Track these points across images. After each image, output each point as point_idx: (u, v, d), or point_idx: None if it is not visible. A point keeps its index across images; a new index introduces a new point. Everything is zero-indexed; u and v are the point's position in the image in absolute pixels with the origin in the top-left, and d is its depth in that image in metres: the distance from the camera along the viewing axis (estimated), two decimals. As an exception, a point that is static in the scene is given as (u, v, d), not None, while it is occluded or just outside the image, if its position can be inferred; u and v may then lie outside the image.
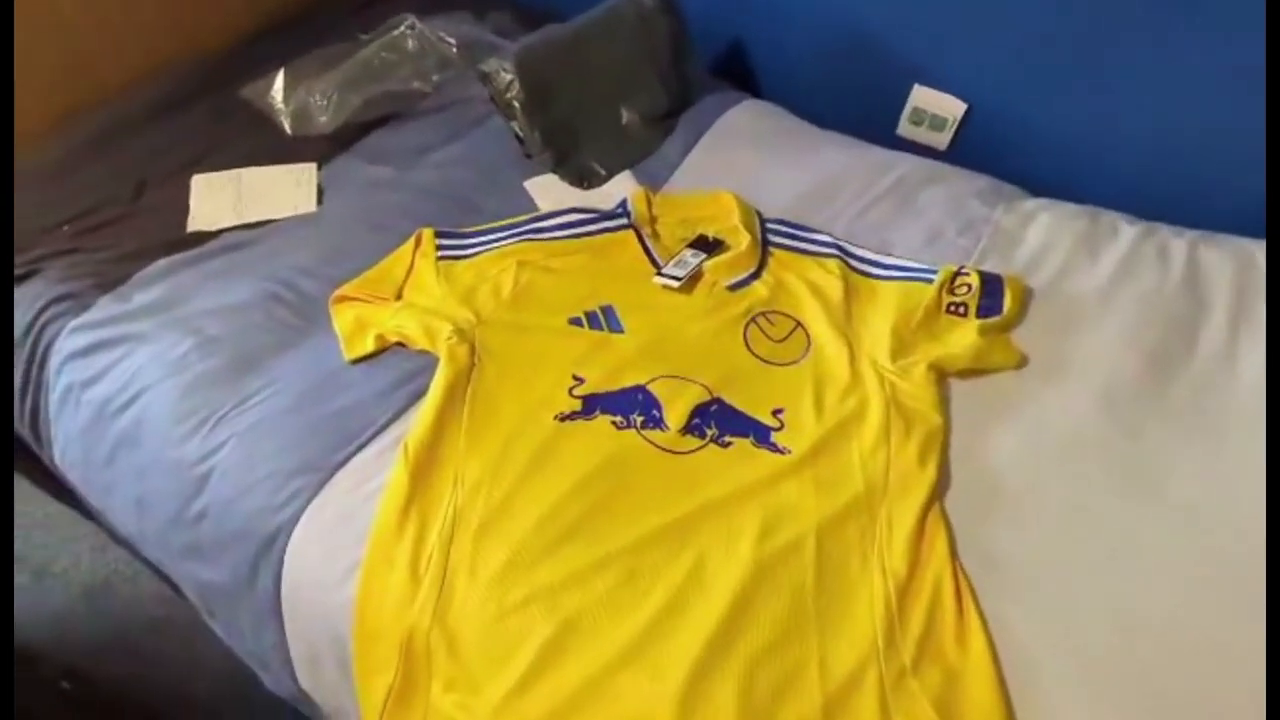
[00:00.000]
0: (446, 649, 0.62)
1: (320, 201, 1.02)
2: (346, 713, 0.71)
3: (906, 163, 1.10)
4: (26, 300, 0.92)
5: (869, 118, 1.23)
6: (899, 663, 0.60)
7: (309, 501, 0.72)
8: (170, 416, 0.80)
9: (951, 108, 1.18)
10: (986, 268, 0.95)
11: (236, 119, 1.13)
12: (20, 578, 1.16)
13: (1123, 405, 0.80)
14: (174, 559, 0.85)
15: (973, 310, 0.86)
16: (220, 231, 0.98)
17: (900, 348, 0.82)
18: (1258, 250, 0.95)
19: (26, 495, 1.17)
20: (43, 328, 0.90)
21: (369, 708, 0.62)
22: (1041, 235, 0.99)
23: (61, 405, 0.89)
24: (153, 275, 0.92)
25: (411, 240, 0.93)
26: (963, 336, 0.84)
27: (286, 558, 0.71)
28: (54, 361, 0.89)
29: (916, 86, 1.19)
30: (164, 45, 1.19)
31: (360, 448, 0.75)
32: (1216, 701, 0.58)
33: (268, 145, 1.09)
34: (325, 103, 1.05)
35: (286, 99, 1.07)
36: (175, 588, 0.91)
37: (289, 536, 0.71)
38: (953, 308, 0.87)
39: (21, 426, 0.97)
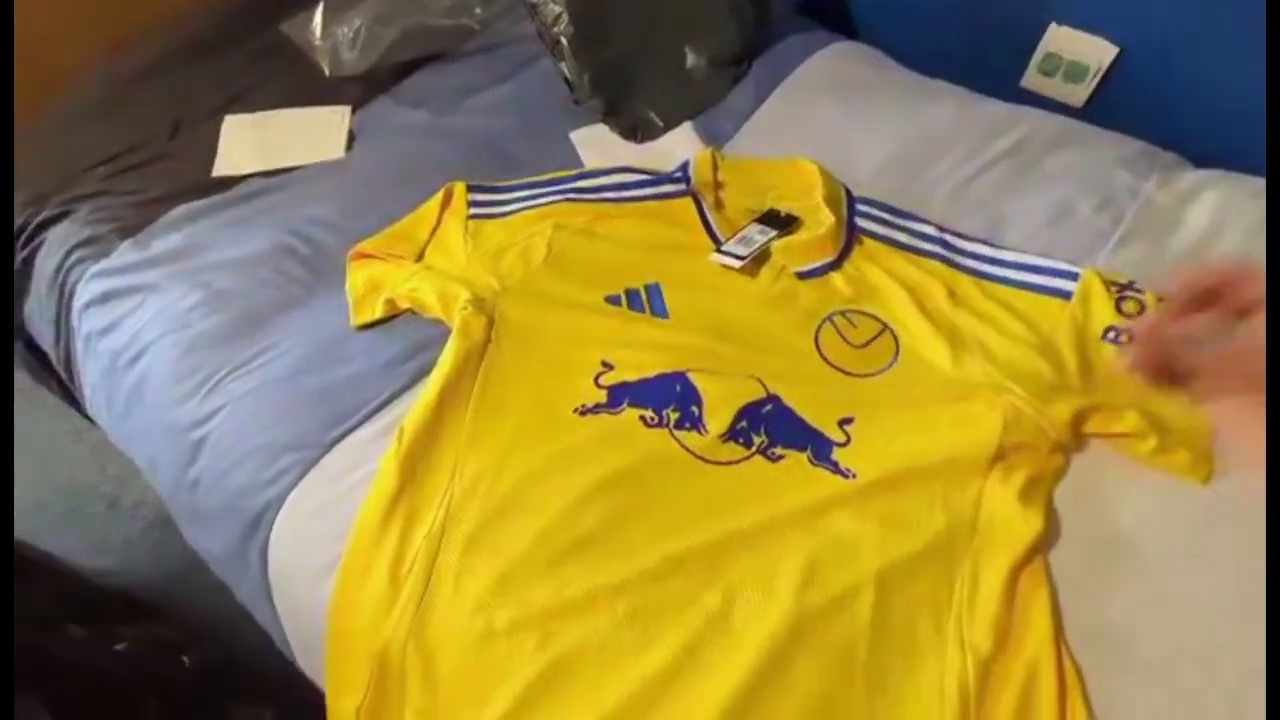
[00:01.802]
0: (422, 673, 0.54)
1: (350, 148, 0.94)
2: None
3: (1032, 120, 0.90)
4: (56, 242, 0.89)
5: (987, 65, 1.02)
6: (972, 769, 0.46)
7: (295, 484, 0.65)
8: (170, 375, 0.75)
9: (1096, 52, 0.96)
10: (1128, 254, 0.76)
11: (277, 57, 1.06)
12: (94, 508, 1.19)
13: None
14: (182, 521, 0.81)
15: None
16: (245, 177, 0.91)
17: (1029, 379, 0.63)
18: None
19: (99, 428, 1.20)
20: (68, 272, 0.87)
21: (339, 723, 0.55)
22: (1206, 216, 0.78)
23: (85, 353, 0.86)
24: (172, 222, 0.87)
25: (440, 194, 0.83)
26: (1130, 385, 0.63)
27: (271, 542, 0.65)
28: (77, 306, 0.86)
29: (1053, 26, 0.97)
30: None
31: (355, 426, 0.67)
32: None
33: (306, 86, 1.01)
34: (353, 37, 0.96)
35: (324, 35, 0.99)
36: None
37: (275, 518, 0.65)
38: (1113, 334, 0.67)
39: (61, 370, 0.96)
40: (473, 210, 0.83)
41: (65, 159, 0.96)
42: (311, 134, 0.94)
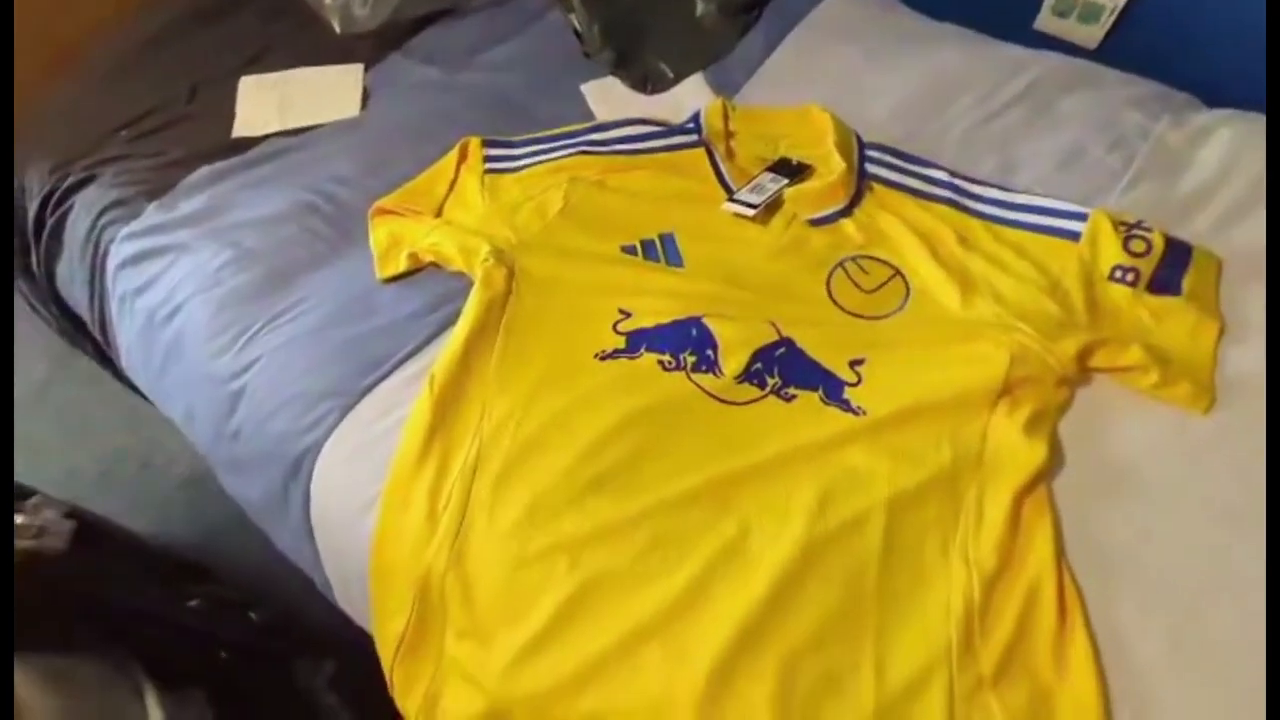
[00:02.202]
0: (462, 595, 0.58)
1: (365, 106, 0.95)
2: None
3: (1045, 62, 0.89)
4: (85, 206, 0.92)
5: (999, 6, 1.01)
6: (975, 672, 0.50)
7: (333, 428, 0.68)
8: (206, 330, 0.78)
9: (1113, -8, 0.95)
10: (1139, 194, 0.77)
11: (287, 17, 1.07)
12: (128, 468, 1.23)
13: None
14: (221, 469, 0.85)
15: (1144, 280, 0.67)
16: (264, 137, 0.93)
17: (1038, 318, 0.65)
18: None
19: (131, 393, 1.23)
20: (100, 233, 0.90)
21: (384, 652, 0.59)
22: (1218, 155, 0.79)
23: (120, 313, 0.89)
24: (197, 183, 0.89)
25: (455, 149, 0.85)
26: (1138, 319, 0.66)
27: (313, 484, 0.69)
28: (110, 268, 0.89)
29: (1069, -34, 0.96)
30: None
31: (386, 374, 0.70)
32: None
33: (319, 45, 1.02)
34: None
35: (333, -8, 0.99)
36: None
37: (314, 462, 0.68)
38: (1121, 273, 0.68)
39: (95, 332, 0.99)
40: (488, 165, 0.84)
41: (86, 125, 0.98)
42: (327, 93, 0.95)
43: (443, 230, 0.77)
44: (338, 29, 1.01)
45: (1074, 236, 0.71)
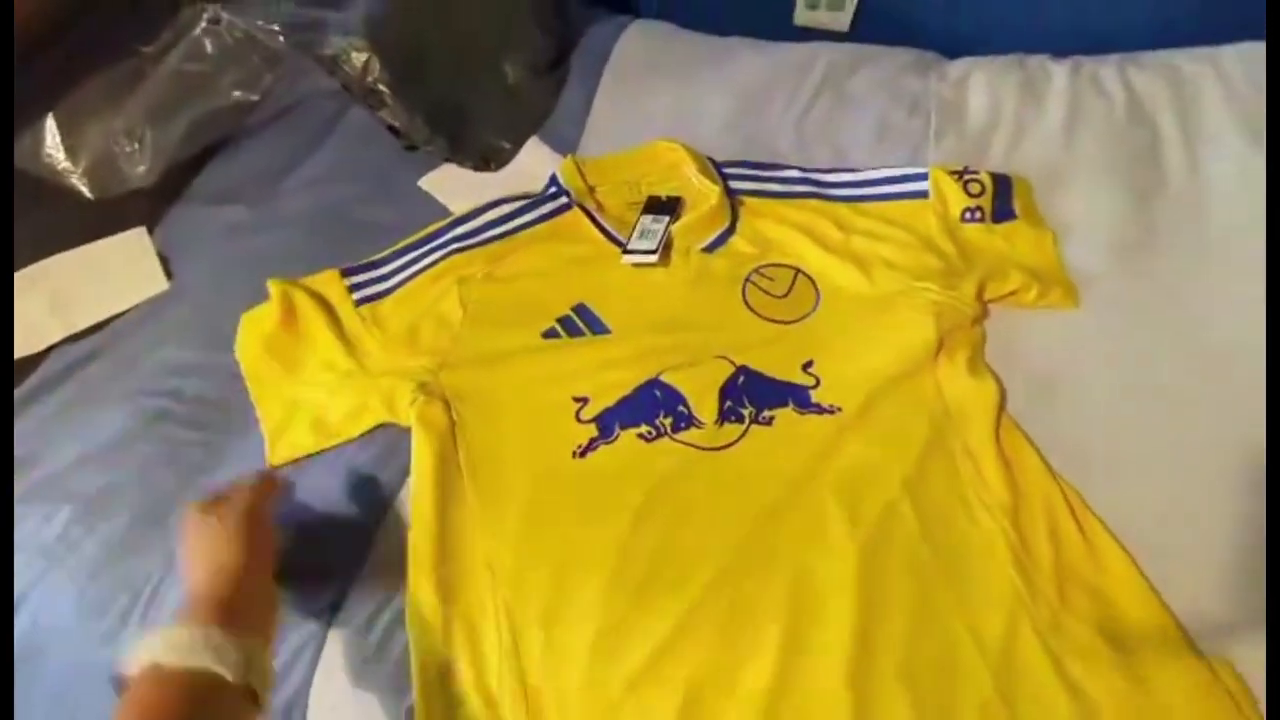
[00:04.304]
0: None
1: (170, 274, 0.79)
2: None
3: (825, 53, 1.00)
4: None
5: (761, 11, 1.12)
6: (1047, 603, 0.55)
7: (315, 663, 0.57)
8: (78, 611, 0.60)
9: (844, -19, 1.09)
10: (946, 146, 0.89)
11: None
12: None
13: (1122, 252, 0.78)
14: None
15: (988, 214, 0.78)
16: (48, 351, 0.74)
17: (929, 274, 0.73)
18: (1183, 62, 0.94)
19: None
20: None
21: None
22: (983, 98, 0.94)
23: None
24: (-25, 436, 0.68)
25: (299, 291, 0.73)
26: (999, 248, 0.76)
27: (312, 733, 0.56)
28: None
29: (802, -36, 1.09)
30: None
31: (355, 571, 0.60)
32: None
33: (67, 220, 0.83)
34: (135, 146, 0.80)
35: (72, 153, 0.81)
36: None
37: (305, 710, 0.56)
38: (970, 214, 0.78)
39: None
40: (356, 294, 0.75)
41: None
42: (112, 273, 0.78)
43: (347, 384, 0.68)
44: (90, 195, 0.83)
45: (924, 195, 0.81)
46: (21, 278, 0.77)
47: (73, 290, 0.77)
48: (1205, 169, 0.84)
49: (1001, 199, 0.80)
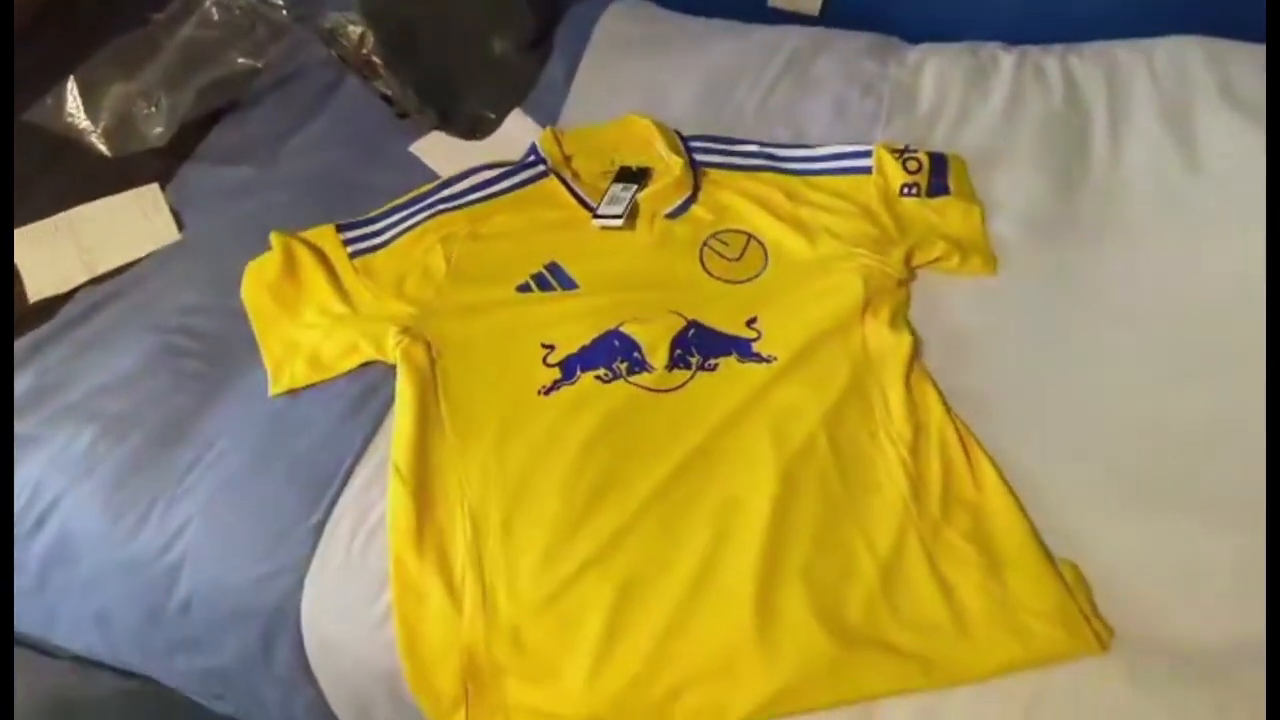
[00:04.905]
0: (513, 649, 0.61)
1: (181, 226, 0.87)
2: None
3: (793, 36, 1.07)
4: None
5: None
6: (931, 517, 0.64)
7: (309, 559, 0.66)
8: (104, 517, 0.69)
9: (811, -34, 1.15)
10: (895, 127, 0.97)
11: (32, 152, 0.93)
12: None
13: (1044, 227, 0.86)
14: (158, 657, 0.76)
15: (924, 189, 0.86)
16: (73, 292, 0.82)
17: (865, 241, 0.81)
18: (1119, 50, 1.01)
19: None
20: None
21: (453, 734, 0.60)
22: (934, 82, 1.01)
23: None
24: (14, 364, 0.77)
25: (298, 245, 0.81)
26: (930, 220, 0.84)
27: (304, 625, 0.66)
28: (-76, 497, 0.74)
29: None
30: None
31: (344, 485, 0.69)
32: (1208, 474, 0.65)
33: (87, 175, 0.91)
34: (153, 109, 0.88)
35: (92, 114, 0.88)
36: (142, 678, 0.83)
37: (299, 602, 0.65)
38: (908, 189, 0.86)
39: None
40: (351, 248, 0.83)
41: None
42: (131, 224, 0.86)
43: (343, 325, 0.76)
44: (108, 153, 0.91)
45: (867, 170, 0.89)
46: (49, 226, 0.86)
47: (95, 238, 0.85)
48: (1125, 155, 0.92)
49: (937, 176, 0.88)
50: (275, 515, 0.67)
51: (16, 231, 0.85)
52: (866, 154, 0.90)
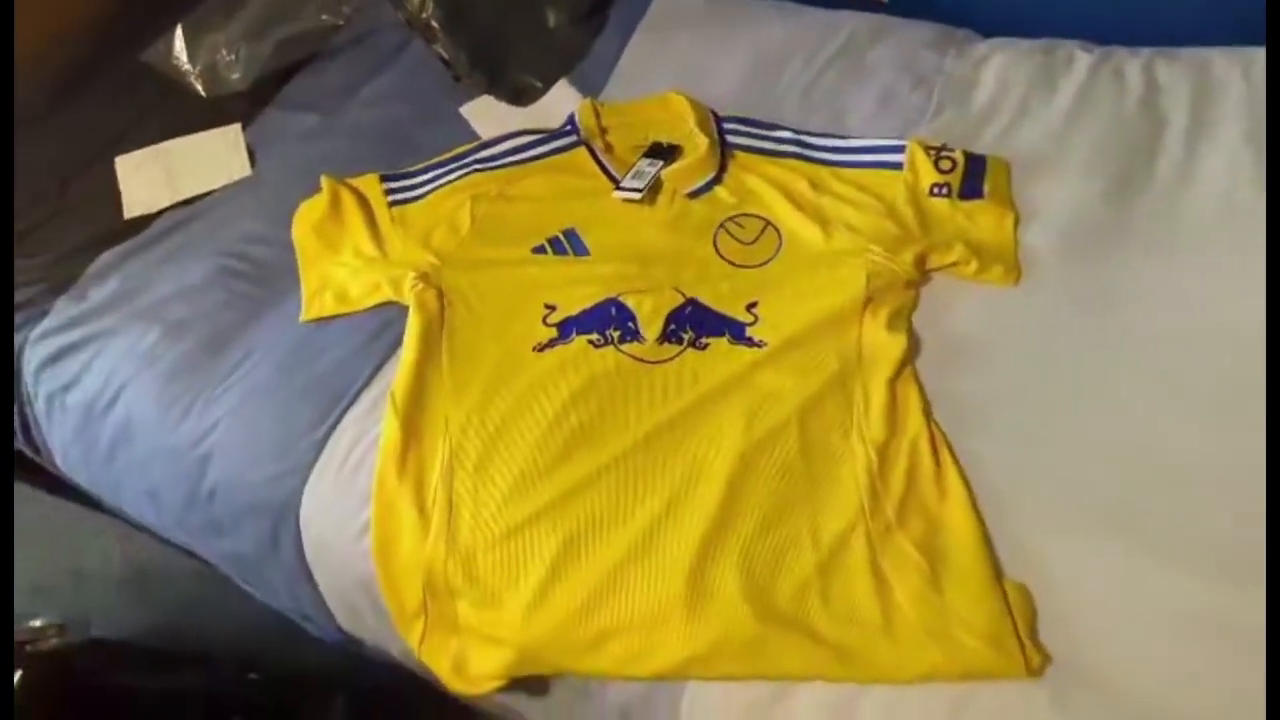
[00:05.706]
0: (465, 574, 0.66)
1: (254, 163, 0.98)
2: (390, 647, 0.77)
3: (851, 21, 1.05)
4: (-13, 315, 0.91)
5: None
6: (884, 519, 0.64)
7: (312, 466, 0.74)
8: (157, 406, 0.81)
9: (893, -49, 1.11)
10: (942, 121, 0.94)
11: (145, 89, 1.06)
12: (60, 581, 1.21)
13: (1082, 239, 0.81)
14: (197, 538, 0.88)
15: (956, 190, 0.83)
16: (159, 213, 0.95)
17: (881, 237, 0.80)
18: (1216, 57, 0.93)
19: (44, 502, 1.20)
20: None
21: (411, 642, 0.67)
22: (995, 79, 0.96)
23: (49, 414, 0.89)
24: (103, 269, 0.90)
25: (346, 191, 0.89)
26: (959, 223, 0.82)
27: (302, 522, 0.75)
28: (28, 372, 0.89)
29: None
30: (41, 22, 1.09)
31: (349, 405, 0.77)
32: (1181, 514, 0.61)
33: (185, 112, 1.04)
34: (233, 57, 0.99)
35: (192, 58, 1.00)
36: (205, 561, 0.95)
37: (300, 502, 0.74)
38: (938, 189, 0.84)
39: (16, 440, 0.98)
40: (391, 198, 0.91)
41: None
42: (212, 158, 0.97)
43: (370, 268, 0.84)
44: (204, 93, 1.03)
45: (898, 166, 0.87)
46: (147, 154, 0.98)
47: (182, 168, 0.97)
48: (1197, 170, 0.84)
49: (971, 178, 0.85)
50: (289, 424, 0.76)
51: (119, 159, 0.98)
52: (900, 149, 0.87)
